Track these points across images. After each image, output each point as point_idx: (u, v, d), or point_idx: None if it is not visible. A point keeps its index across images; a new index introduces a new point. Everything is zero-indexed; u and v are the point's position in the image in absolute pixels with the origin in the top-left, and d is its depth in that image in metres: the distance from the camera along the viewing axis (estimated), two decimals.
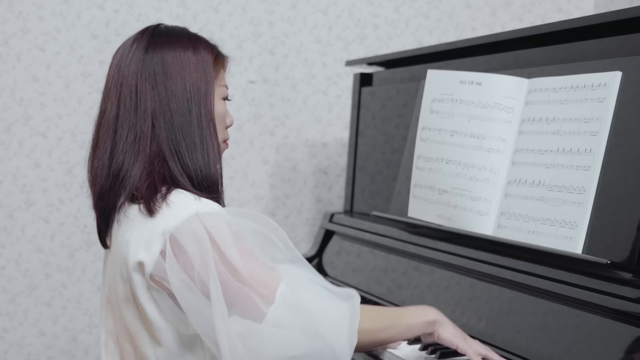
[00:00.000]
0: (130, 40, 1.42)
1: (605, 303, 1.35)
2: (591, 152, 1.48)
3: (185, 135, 1.33)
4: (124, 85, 1.35)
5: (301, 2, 2.92)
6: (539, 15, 3.10)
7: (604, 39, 1.60)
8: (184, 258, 1.24)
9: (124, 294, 1.32)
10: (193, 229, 1.25)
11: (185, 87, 1.35)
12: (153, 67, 1.34)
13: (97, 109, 2.96)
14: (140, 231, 1.28)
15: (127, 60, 1.37)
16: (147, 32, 1.41)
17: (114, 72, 1.39)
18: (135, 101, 1.34)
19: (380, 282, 1.96)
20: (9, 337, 2.79)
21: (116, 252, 1.33)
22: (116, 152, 1.32)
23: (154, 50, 1.36)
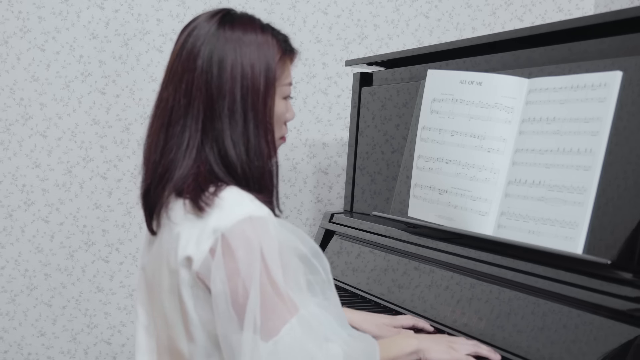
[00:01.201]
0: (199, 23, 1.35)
1: (605, 303, 1.35)
2: (591, 152, 1.47)
3: (240, 135, 1.27)
4: (185, 75, 1.28)
5: (301, 2, 2.92)
6: (539, 15, 3.10)
7: (604, 39, 1.60)
8: (231, 261, 1.20)
9: (168, 285, 1.29)
10: (246, 233, 1.21)
11: (242, 77, 1.28)
12: (210, 58, 1.28)
13: (96, 109, 2.97)
14: (192, 226, 1.24)
15: (192, 47, 1.30)
16: (215, 17, 1.34)
17: (175, 58, 1.32)
18: (189, 97, 1.28)
19: (380, 282, 1.96)
20: (8, 337, 2.79)
21: (165, 241, 1.30)
22: (168, 147, 1.28)
23: (217, 36, 1.30)
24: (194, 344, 1.29)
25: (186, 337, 1.29)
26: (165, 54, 2.84)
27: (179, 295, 1.28)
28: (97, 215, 2.83)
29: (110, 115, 2.81)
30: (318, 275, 1.29)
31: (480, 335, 1.56)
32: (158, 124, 1.31)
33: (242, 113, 1.28)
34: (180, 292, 1.27)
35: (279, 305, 1.21)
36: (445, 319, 1.68)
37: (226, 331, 1.22)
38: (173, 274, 1.28)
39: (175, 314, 1.30)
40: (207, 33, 1.31)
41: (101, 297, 2.86)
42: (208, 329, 1.28)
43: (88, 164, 2.81)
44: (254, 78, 1.28)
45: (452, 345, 1.47)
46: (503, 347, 1.51)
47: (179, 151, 1.27)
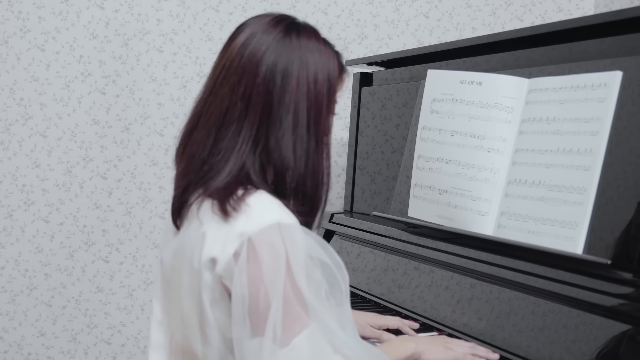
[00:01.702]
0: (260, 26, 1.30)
1: (605, 303, 1.35)
2: (591, 152, 1.47)
3: (303, 149, 1.26)
4: (243, 77, 1.25)
5: (301, 2, 2.92)
6: (539, 15, 3.10)
7: (604, 39, 1.60)
8: (255, 266, 1.18)
9: (188, 284, 1.27)
10: (272, 239, 1.19)
11: (307, 88, 1.26)
12: (275, 64, 1.25)
13: (96, 109, 2.97)
14: (219, 228, 1.22)
15: (254, 49, 1.27)
16: (282, 23, 1.31)
17: (234, 57, 1.28)
18: (248, 102, 1.25)
19: (380, 282, 1.96)
20: (8, 337, 2.79)
21: (189, 239, 1.28)
22: (217, 147, 1.25)
23: (283, 43, 1.27)
24: (208, 347, 1.27)
25: (201, 338, 1.27)
26: (166, 54, 2.84)
27: (198, 296, 1.26)
28: (97, 215, 2.83)
29: (110, 115, 2.81)
30: (337, 286, 1.27)
31: (480, 335, 1.56)
32: (209, 122, 1.27)
33: (305, 127, 1.26)
34: (201, 294, 1.25)
35: (299, 315, 1.19)
36: (445, 319, 1.68)
37: (239, 335, 1.21)
38: (194, 274, 1.25)
39: (192, 314, 1.28)
40: (273, 39, 1.28)
41: (101, 297, 2.86)
42: (224, 333, 1.26)
43: (88, 164, 2.81)
44: (317, 92, 1.27)
45: (449, 345, 1.49)
46: (503, 347, 1.51)
47: (229, 154, 1.24)
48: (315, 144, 1.27)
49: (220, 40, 2.89)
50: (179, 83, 2.87)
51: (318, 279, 1.24)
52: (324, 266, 1.25)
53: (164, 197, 2.90)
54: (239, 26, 1.33)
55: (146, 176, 2.87)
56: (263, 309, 1.18)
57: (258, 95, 1.24)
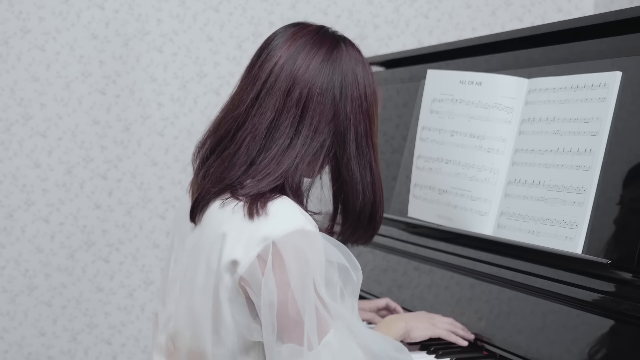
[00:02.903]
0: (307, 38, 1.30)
1: (605, 303, 1.35)
2: (591, 152, 1.48)
3: (358, 157, 1.31)
4: (294, 90, 1.26)
5: (301, 2, 2.92)
6: (539, 15, 3.10)
7: (604, 39, 1.60)
8: (281, 272, 1.18)
9: (203, 284, 1.26)
10: (297, 244, 1.19)
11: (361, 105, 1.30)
12: (332, 85, 1.27)
13: (96, 109, 2.97)
14: (241, 229, 1.21)
15: (304, 59, 1.27)
16: (327, 39, 1.31)
17: (283, 64, 1.28)
18: (302, 106, 1.26)
19: (380, 282, 1.96)
20: (9, 337, 2.79)
21: (207, 238, 1.26)
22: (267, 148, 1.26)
23: (333, 64, 1.29)
24: (221, 347, 1.26)
25: (213, 338, 1.26)
26: (166, 54, 2.84)
27: (215, 297, 1.24)
28: (97, 215, 2.83)
29: (110, 115, 2.81)
30: (350, 287, 1.29)
31: (480, 335, 1.56)
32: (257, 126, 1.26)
33: (366, 140, 1.31)
34: (219, 295, 1.24)
35: (325, 317, 1.20)
36: None
37: (269, 341, 1.21)
38: (211, 275, 1.24)
39: (205, 314, 1.26)
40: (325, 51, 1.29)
41: (101, 297, 2.86)
42: (243, 335, 1.25)
43: (88, 164, 2.81)
44: (370, 109, 1.32)
45: (432, 321, 1.58)
46: (503, 347, 1.51)
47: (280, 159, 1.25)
48: (374, 157, 1.33)
49: (220, 40, 2.90)
50: (179, 83, 2.87)
51: (335, 281, 1.26)
52: (341, 269, 1.27)
53: (164, 197, 2.90)
54: (272, 36, 1.34)
55: (146, 176, 2.87)
56: (293, 314, 1.19)
57: (316, 105, 1.26)
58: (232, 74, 2.91)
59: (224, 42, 2.90)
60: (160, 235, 2.89)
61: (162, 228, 2.89)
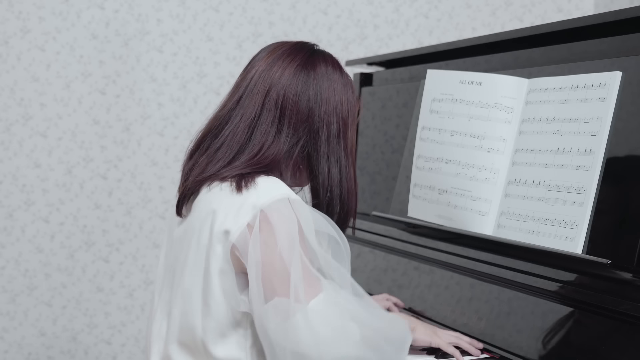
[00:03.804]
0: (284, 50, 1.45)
1: (605, 303, 1.35)
2: (591, 152, 1.48)
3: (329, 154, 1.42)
4: (271, 92, 1.40)
5: (301, 2, 2.92)
6: (539, 15, 3.10)
7: (604, 39, 1.60)
8: (269, 235, 1.28)
9: (194, 258, 1.34)
10: (283, 210, 1.30)
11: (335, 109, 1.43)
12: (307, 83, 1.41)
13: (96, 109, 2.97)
14: (230, 203, 1.32)
15: (281, 67, 1.42)
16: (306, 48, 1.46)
17: (262, 72, 1.42)
18: (279, 106, 1.39)
19: (380, 282, 1.96)
20: (9, 337, 2.79)
21: (195, 219, 1.36)
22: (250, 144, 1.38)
23: (310, 67, 1.42)
24: (210, 319, 1.33)
25: (203, 310, 1.33)
26: (166, 54, 2.84)
27: (205, 270, 1.33)
28: (97, 215, 2.83)
29: (110, 115, 2.81)
30: (341, 259, 1.37)
31: (480, 335, 1.56)
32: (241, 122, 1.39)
33: (337, 140, 1.42)
34: (209, 268, 1.32)
35: (316, 278, 1.28)
36: (445, 319, 1.68)
37: (255, 301, 1.27)
38: (202, 249, 1.33)
39: (195, 287, 1.34)
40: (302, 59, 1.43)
41: (101, 297, 2.86)
42: (231, 307, 1.32)
43: (88, 164, 2.81)
44: (343, 113, 1.44)
45: (437, 332, 1.56)
46: (503, 347, 1.51)
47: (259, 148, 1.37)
48: (345, 155, 1.43)
49: (220, 40, 2.90)
50: (179, 83, 2.87)
51: (326, 249, 1.35)
52: (330, 240, 1.36)
53: (164, 197, 2.90)
54: (262, 50, 1.48)
55: (146, 176, 2.87)
56: (280, 270, 1.26)
57: (292, 105, 1.39)
58: (232, 74, 2.91)
59: (224, 42, 2.90)
60: (160, 235, 2.89)
61: (162, 228, 2.89)
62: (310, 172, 1.44)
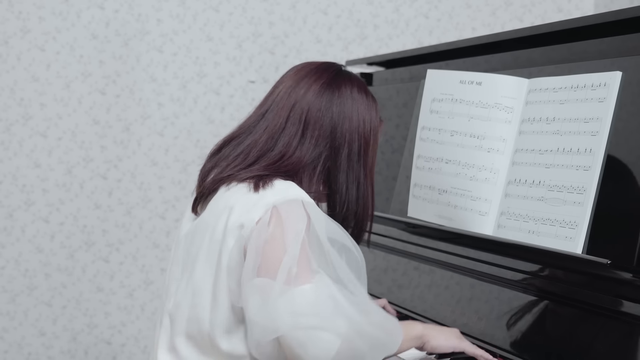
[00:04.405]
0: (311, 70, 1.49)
1: (605, 303, 1.35)
2: (591, 152, 1.48)
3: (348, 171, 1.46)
4: (296, 107, 1.44)
5: (301, 2, 2.92)
6: (539, 15, 3.10)
7: (604, 39, 1.60)
8: (276, 226, 1.31)
9: (206, 253, 1.37)
10: (296, 209, 1.33)
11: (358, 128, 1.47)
12: (331, 105, 1.45)
13: (96, 109, 2.97)
14: (247, 200, 1.35)
15: (306, 85, 1.46)
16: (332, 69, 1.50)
17: (289, 88, 1.47)
18: (303, 121, 1.43)
19: (380, 282, 1.96)
20: (9, 337, 2.79)
21: (210, 215, 1.40)
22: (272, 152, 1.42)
23: (335, 86, 1.47)
24: (218, 314, 1.35)
25: (211, 305, 1.35)
26: (166, 54, 2.84)
27: (217, 263, 1.35)
28: (97, 215, 2.83)
29: (110, 115, 2.81)
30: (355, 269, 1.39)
31: (480, 335, 1.56)
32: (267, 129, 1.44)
33: (357, 158, 1.46)
34: (220, 259, 1.35)
35: (309, 268, 1.30)
36: (445, 319, 1.68)
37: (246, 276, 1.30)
38: (215, 244, 1.36)
39: (206, 279, 1.37)
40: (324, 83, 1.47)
41: (101, 297, 2.86)
42: (232, 300, 1.34)
43: (88, 164, 2.81)
44: (365, 132, 1.48)
45: (458, 334, 1.51)
46: (503, 347, 1.51)
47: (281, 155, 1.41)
48: (364, 174, 1.47)
49: (220, 40, 2.90)
50: (179, 83, 2.87)
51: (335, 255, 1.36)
52: (343, 248, 1.38)
53: (164, 197, 2.90)
54: (290, 69, 1.53)
55: (146, 176, 2.87)
56: (277, 258, 1.29)
57: (315, 120, 1.44)
58: (232, 74, 2.91)
59: (224, 42, 2.90)
60: (160, 235, 2.89)
61: (162, 228, 2.89)
62: (328, 186, 1.47)
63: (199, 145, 2.90)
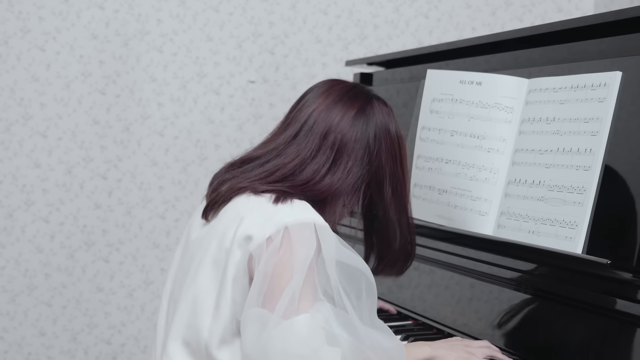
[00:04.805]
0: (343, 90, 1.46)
1: (605, 303, 1.35)
2: (591, 152, 1.48)
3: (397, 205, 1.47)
4: (330, 136, 1.41)
5: (301, 2, 2.92)
6: (539, 15, 3.10)
7: (604, 39, 1.60)
8: (287, 252, 1.28)
9: (213, 259, 1.35)
10: (307, 233, 1.30)
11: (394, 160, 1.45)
12: (367, 135, 1.43)
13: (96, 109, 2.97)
14: (259, 214, 1.33)
15: (338, 114, 1.43)
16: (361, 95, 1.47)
17: (317, 117, 1.43)
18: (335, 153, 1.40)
19: (380, 282, 1.96)
20: (9, 337, 2.79)
21: (221, 223, 1.38)
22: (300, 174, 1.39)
23: (367, 117, 1.44)
24: (218, 323, 1.33)
25: (213, 314, 1.34)
26: (166, 54, 2.84)
27: (223, 271, 1.33)
28: (97, 215, 2.83)
29: (110, 115, 2.81)
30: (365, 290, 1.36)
31: (480, 335, 1.56)
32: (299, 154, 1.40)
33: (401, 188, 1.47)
34: (226, 272, 1.32)
35: (309, 297, 1.28)
36: (445, 319, 1.68)
37: (248, 306, 1.28)
38: (222, 252, 1.34)
39: (210, 285, 1.35)
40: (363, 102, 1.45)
41: (101, 297, 2.86)
42: (235, 312, 1.33)
43: (88, 164, 2.81)
44: (402, 152, 1.47)
45: (468, 349, 1.45)
46: (503, 347, 1.51)
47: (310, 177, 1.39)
48: (408, 203, 1.49)
49: (220, 40, 2.90)
50: (179, 83, 2.87)
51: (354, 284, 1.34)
52: (355, 272, 1.34)
53: (164, 197, 2.90)
54: (309, 90, 1.49)
55: (146, 176, 2.87)
56: (284, 282, 1.26)
57: (350, 150, 1.41)
58: (232, 73, 2.91)
59: (224, 42, 2.90)
60: (160, 235, 2.89)
61: (162, 228, 2.89)
62: (370, 218, 1.48)
63: (199, 145, 2.90)
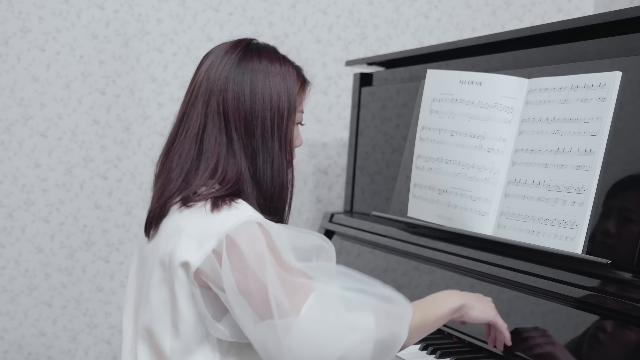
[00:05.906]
0: (221, 51, 1.44)
1: (605, 303, 1.35)
2: (591, 152, 1.48)
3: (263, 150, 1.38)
4: (212, 96, 1.38)
5: (301, 2, 2.92)
6: (539, 15, 3.10)
7: (604, 39, 1.60)
8: (237, 257, 1.26)
9: (159, 278, 1.34)
10: (249, 231, 1.28)
11: (270, 103, 1.39)
12: (242, 82, 1.38)
13: (96, 109, 2.97)
14: (197, 225, 1.31)
15: (217, 70, 1.40)
16: (240, 45, 1.44)
17: (201, 80, 1.40)
18: (224, 117, 1.37)
19: None
20: (9, 337, 2.79)
21: (162, 239, 1.35)
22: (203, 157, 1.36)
23: (245, 64, 1.40)
24: (178, 340, 1.32)
25: (171, 332, 1.33)
26: (166, 54, 2.84)
27: (170, 290, 1.32)
28: (97, 215, 2.83)
29: (110, 115, 2.81)
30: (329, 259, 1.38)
31: (480, 335, 1.56)
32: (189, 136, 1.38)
33: (271, 135, 1.38)
34: (174, 289, 1.31)
35: (300, 284, 1.27)
36: None
37: (246, 322, 1.27)
38: (166, 269, 1.33)
39: (162, 307, 1.34)
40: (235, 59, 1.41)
41: (101, 297, 2.86)
42: (199, 326, 1.32)
43: (88, 164, 2.81)
44: (280, 105, 1.39)
45: (493, 305, 1.45)
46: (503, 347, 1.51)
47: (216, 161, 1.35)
48: (280, 150, 1.39)
49: (220, 40, 2.90)
50: (179, 83, 2.87)
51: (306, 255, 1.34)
52: (314, 247, 1.36)
53: None
54: (205, 55, 1.46)
55: (146, 176, 2.87)
56: (257, 289, 1.25)
57: (234, 110, 1.37)
58: None
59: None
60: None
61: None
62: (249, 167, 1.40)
63: None
